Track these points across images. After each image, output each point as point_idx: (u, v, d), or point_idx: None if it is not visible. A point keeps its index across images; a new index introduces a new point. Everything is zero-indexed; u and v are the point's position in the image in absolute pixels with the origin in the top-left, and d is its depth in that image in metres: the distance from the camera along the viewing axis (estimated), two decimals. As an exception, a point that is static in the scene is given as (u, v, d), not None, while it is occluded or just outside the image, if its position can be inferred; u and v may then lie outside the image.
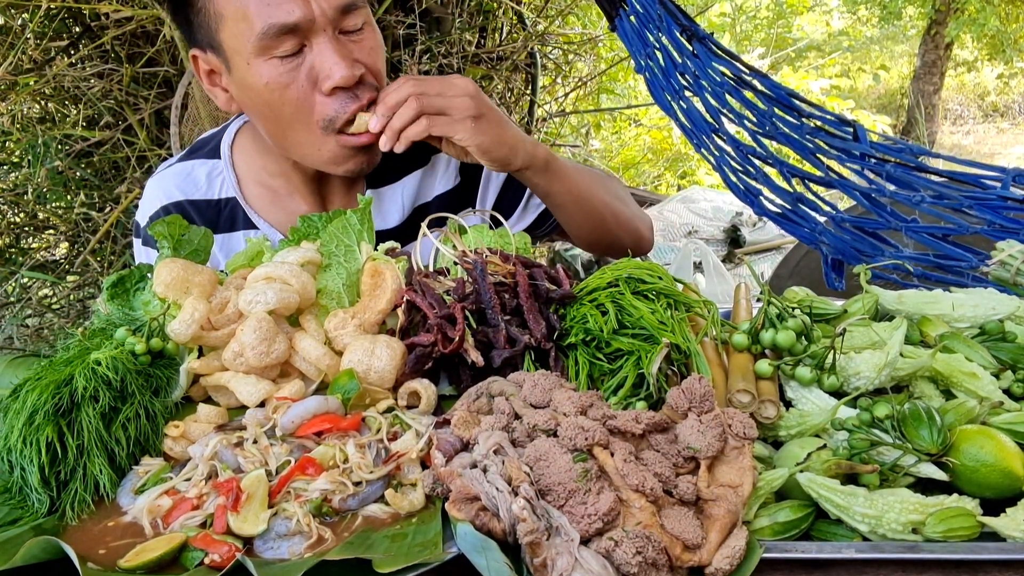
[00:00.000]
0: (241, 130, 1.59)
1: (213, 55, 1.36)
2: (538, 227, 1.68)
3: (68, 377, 0.99)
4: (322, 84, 1.30)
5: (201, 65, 1.40)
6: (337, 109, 1.32)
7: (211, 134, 1.65)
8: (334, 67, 1.28)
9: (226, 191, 1.55)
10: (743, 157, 2.02)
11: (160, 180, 1.59)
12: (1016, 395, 1.03)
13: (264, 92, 1.31)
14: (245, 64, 1.30)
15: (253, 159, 1.55)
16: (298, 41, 1.28)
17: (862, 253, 1.77)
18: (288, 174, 1.52)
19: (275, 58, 1.28)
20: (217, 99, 1.43)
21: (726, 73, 2.17)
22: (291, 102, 1.31)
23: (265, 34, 1.26)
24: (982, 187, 1.68)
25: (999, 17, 8.10)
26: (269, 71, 1.29)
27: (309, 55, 1.29)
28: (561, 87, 5.35)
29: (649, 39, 2.22)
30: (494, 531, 0.79)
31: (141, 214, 1.60)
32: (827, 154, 2.00)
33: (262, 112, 1.36)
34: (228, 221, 1.55)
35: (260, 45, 1.27)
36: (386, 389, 1.10)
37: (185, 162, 1.59)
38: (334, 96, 1.31)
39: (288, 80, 1.30)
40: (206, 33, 1.34)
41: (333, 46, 1.29)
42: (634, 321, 1.09)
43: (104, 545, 0.87)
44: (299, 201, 1.55)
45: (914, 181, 1.77)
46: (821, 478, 0.86)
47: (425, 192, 1.61)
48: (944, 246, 1.63)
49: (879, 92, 10.28)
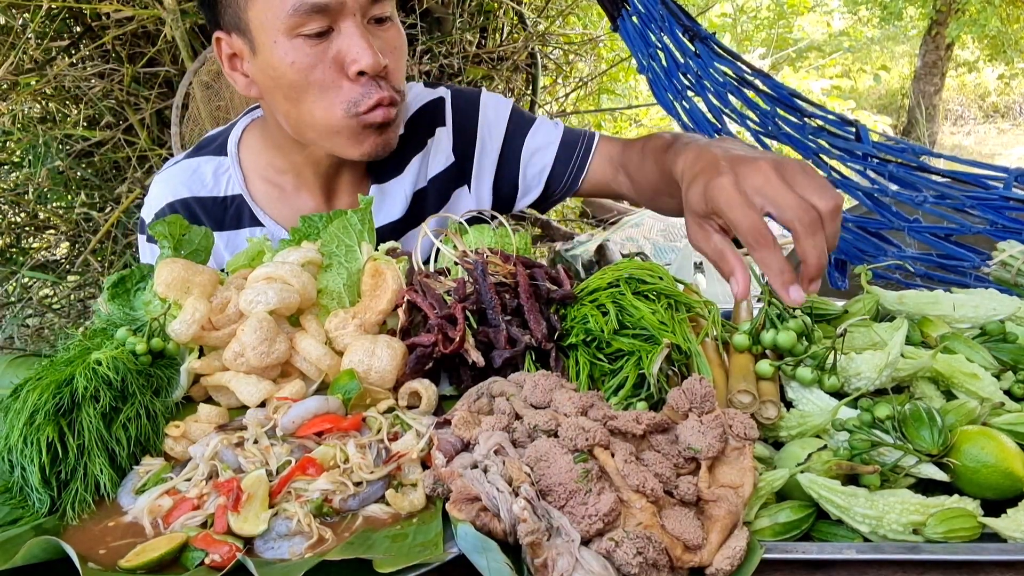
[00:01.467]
0: (248, 128, 1.59)
1: (238, 37, 1.36)
2: (544, 201, 1.68)
3: (69, 377, 0.99)
4: (348, 68, 1.30)
5: (224, 48, 1.40)
6: (361, 94, 1.32)
7: (218, 131, 1.65)
8: (361, 52, 1.29)
9: (232, 188, 1.55)
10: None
11: (166, 177, 1.59)
12: (1017, 396, 1.02)
13: (289, 72, 1.31)
14: (272, 42, 1.31)
15: (260, 156, 1.55)
16: (327, 22, 1.28)
17: (865, 253, 1.77)
18: (297, 169, 1.52)
19: (302, 36, 1.29)
20: (236, 83, 1.43)
21: (728, 73, 2.17)
22: (316, 83, 1.32)
23: (297, 10, 1.26)
24: (984, 187, 1.68)
25: (1000, 18, 8.10)
26: (296, 50, 1.30)
27: (336, 39, 1.30)
28: (562, 87, 5.35)
29: (651, 39, 2.22)
30: (495, 531, 0.79)
31: (147, 211, 1.60)
32: (830, 154, 2.00)
33: (285, 93, 1.36)
34: (234, 218, 1.55)
35: (290, 22, 1.27)
36: (387, 389, 1.10)
37: (191, 159, 1.59)
38: (358, 82, 1.32)
39: (314, 61, 1.30)
40: (232, 12, 1.34)
41: (361, 31, 1.29)
42: (635, 321, 1.09)
43: (105, 545, 0.87)
44: (306, 198, 1.55)
45: (917, 181, 1.77)
46: (822, 479, 0.86)
47: (421, 177, 1.61)
48: (946, 246, 1.63)
49: (880, 92, 10.29)
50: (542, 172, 1.64)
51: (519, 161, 1.63)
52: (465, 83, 4.03)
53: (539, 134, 1.63)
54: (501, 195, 1.67)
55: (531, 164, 1.63)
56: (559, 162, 1.62)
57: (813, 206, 0.92)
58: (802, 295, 0.94)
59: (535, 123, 1.65)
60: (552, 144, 1.62)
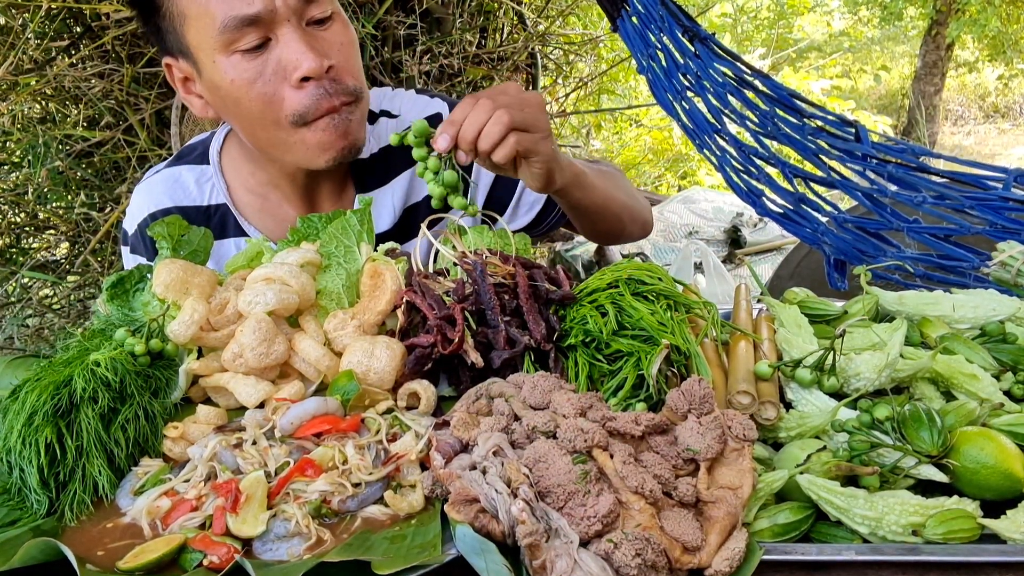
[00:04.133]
0: (228, 136, 1.57)
1: (184, 60, 1.35)
2: (534, 228, 1.66)
3: (67, 378, 0.99)
4: (290, 76, 1.27)
5: (176, 73, 1.39)
6: (308, 103, 1.29)
7: (198, 140, 1.63)
8: (301, 57, 1.25)
9: (216, 197, 1.54)
10: (745, 158, 2.02)
11: (148, 187, 1.57)
12: (1016, 397, 1.02)
13: (231, 90, 1.29)
14: (211, 62, 1.29)
15: (241, 166, 1.54)
16: (262, 34, 1.26)
17: (864, 253, 1.76)
18: (276, 181, 1.51)
19: (238, 52, 1.26)
20: (193, 106, 1.41)
21: (728, 74, 2.17)
22: (259, 98, 1.29)
23: (226, 27, 1.24)
24: (984, 188, 1.68)
25: (1000, 18, 8.10)
26: (234, 67, 1.27)
27: (275, 49, 1.27)
28: (562, 87, 5.35)
29: (651, 39, 2.22)
30: (493, 533, 0.79)
31: (129, 221, 1.59)
32: (829, 155, 2.00)
33: (232, 111, 1.35)
34: (218, 227, 1.53)
35: (223, 40, 1.25)
36: (385, 390, 1.10)
37: (172, 168, 1.58)
38: (303, 89, 1.28)
39: (254, 76, 1.27)
40: (174, 37, 1.32)
41: (299, 35, 1.26)
42: (634, 322, 1.09)
43: (103, 546, 0.87)
44: (288, 209, 1.53)
45: (916, 182, 1.77)
46: (821, 480, 0.86)
47: (415, 193, 1.59)
48: (946, 246, 1.62)
49: (880, 93, 10.28)
50: (535, 204, 1.62)
51: (515, 187, 1.61)
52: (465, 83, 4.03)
53: None
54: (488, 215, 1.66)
55: (526, 192, 1.61)
56: (551, 201, 1.60)
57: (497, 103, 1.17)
58: (447, 144, 1.18)
59: None
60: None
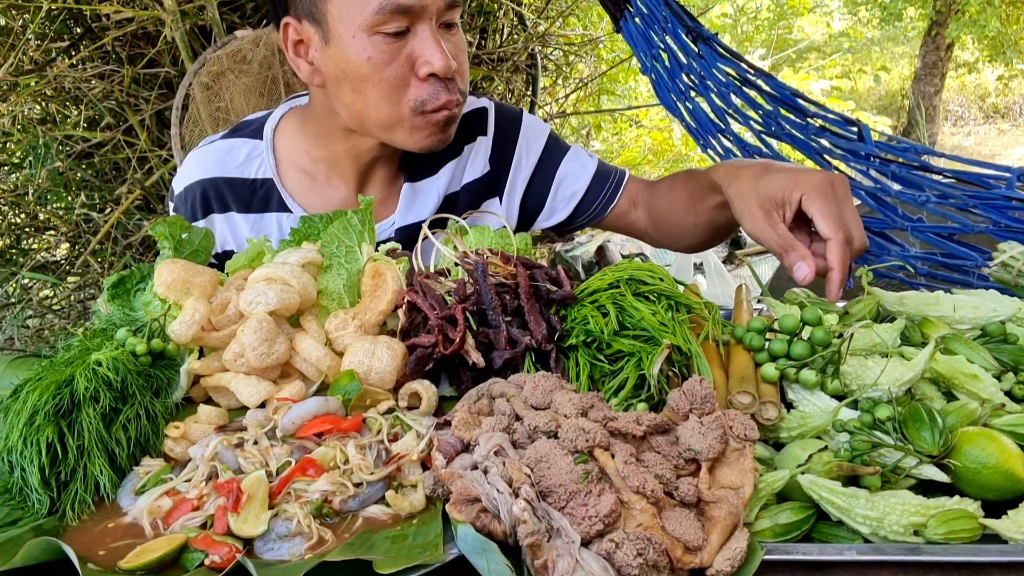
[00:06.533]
0: (287, 115, 1.61)
1: (310, 25, 1.38)
2: (567, 225, 1.73)
3: (69, 378, 0.99)
4: (419, 69, 1.35)
5: (291, 34, 1.42)
6: (430, 94, 1.37)
7: (256, 116, 1.67)
8: (435, 55, 1.34)
9: (263, 172, 1.58)
10: (749, 157, 2.02)
11: (200, 155, 1.61)
12: (1017, 397, 1.02)
13: (364, 67, 1.35)
14: (350, 36, 1.34)
15: (297, 143, 1.58)
16: (406, 23, 1.33)
17: (869, 252, 1.76)
18: (335, 159, 1.55)
19: (381, 34, 1.33)
20: (300, 70, 1.45)
21: (731, 73, 2.17)
22: (388, 80, 1.36)
23: (382, 9, 1.30)
24: (987, 187, 1.68)
25: (1000, 19, 8.10)
26: (374, 47, 1.33)
27: (412, 40, 1.34)
28: (562, 88, 5.36)
29: (654, 40, 2.22)
30: (495, 533, 0.79)
31: (177, 182, 1.63)
32: (832, 154, 2.00)
33: (354, 85, 1.39)
34: (261, 202, 1.57)
35: (373, 20, 1.31)
36: (387, 390, 1.10)
37: (227, 139, 1.62)
38: (428, 82, 1.37)
39: (389, 59, 1.34)
40: (310, 1, 1.36)
41: (435, 35, 1.34)
42: (635, 322, 1.09)
43: (104, 546, 0.87)
44: (338, 185, 1.57)
45: (919, 181, 1.77)
46: (822, 480, 0.86)
47: (455, 181, 1.63)
48: (950, 245, 1.63)
49: (880, 93, 10.28)
50: (572, 197, 1.69)
51: (551, 183, 1.68)
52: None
53: (574, 161, 1.69)
54: (526, 213, 1.71)
55: (562, 187, 1.68)
56: (591, 191, 1.68)
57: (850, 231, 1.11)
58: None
59: (571, 150, 1.71)
60: (587, 173, 1.68)
